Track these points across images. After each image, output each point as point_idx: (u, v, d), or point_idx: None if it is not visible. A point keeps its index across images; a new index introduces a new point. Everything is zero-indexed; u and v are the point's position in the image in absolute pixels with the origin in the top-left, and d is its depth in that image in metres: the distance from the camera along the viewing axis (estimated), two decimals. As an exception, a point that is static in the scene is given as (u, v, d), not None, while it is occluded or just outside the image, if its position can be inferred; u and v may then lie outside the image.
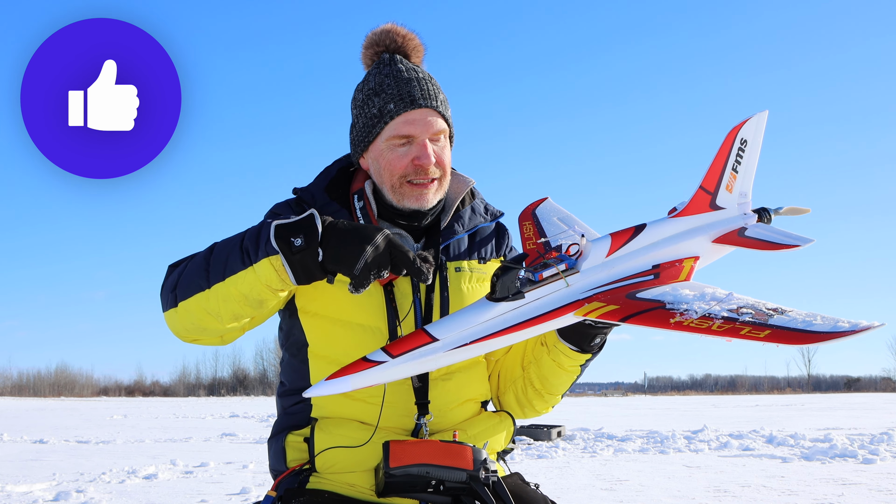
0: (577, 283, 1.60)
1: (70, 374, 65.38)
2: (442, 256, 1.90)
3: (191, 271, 1.65)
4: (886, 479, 7.35)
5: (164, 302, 1.70)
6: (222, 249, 1.62)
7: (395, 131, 1.82)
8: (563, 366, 1.83)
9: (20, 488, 6.92)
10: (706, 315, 1.46)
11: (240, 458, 9.53)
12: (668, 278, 1.67)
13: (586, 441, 11.51)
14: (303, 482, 1.79)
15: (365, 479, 1.77)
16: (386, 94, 1.83)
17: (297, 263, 1.53)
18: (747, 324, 1.42)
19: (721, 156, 1.89)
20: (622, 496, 6.37)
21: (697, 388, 73.68)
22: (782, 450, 10.17)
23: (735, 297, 1.53)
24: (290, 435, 1.84)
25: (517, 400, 1.97)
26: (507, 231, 2.08)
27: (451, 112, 1.93)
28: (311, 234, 1.53)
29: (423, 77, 1.87)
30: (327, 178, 1.95)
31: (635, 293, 1.60)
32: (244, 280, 1.58)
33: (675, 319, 1.47)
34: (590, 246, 1.64)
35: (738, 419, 17.69)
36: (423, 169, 1.82)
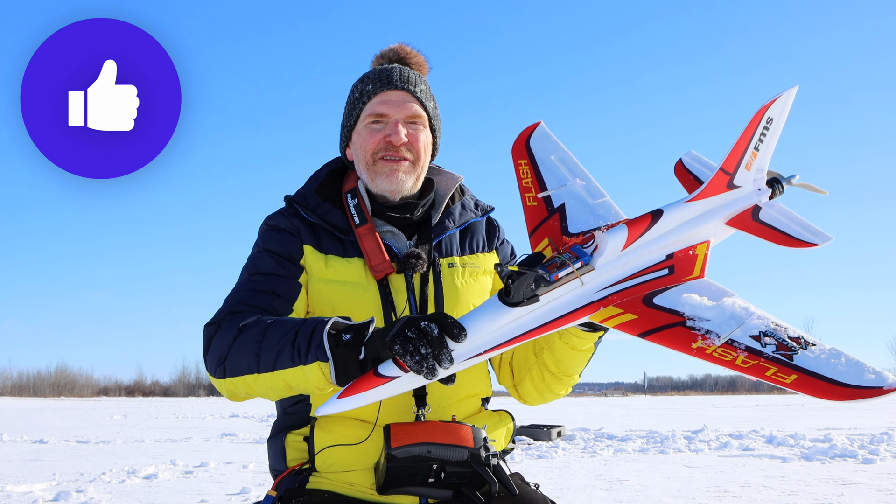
0: (591, 280, 1.55)
1: (70, 374, 65.45)
2: (434, 253, 1.92)
3: (241, 351, 1.64)
4: (886, 479, 7.35)
5: (212, 369, 1.70)
6: (275, 338, 1.61)
7: (372, 110, 1.89)
8: (577, 347, 1.81)
9: (20, 488, 6.92)
10: (729, 343, 1.41)
11: (240, 458, 9.52)
12: (682, 271, 1.62)
13: (586, 441, 11.51)
14: (303, 482, 1.79)
15: (365, 477, 1.77)
16: (368, 78, 1.93)
17: (339, 358, 1.52)
18: (772, 362, 1.37)
19: (745, 136, 1.79)
20: (622, 496, 6.37)
21: (697, 388, 73.70)
22: (782, 450, 10.16)
23: (755, 316, 1.46)
24: (290, 434, 1.84)
25: (535, 387, 1.95)
26: (499, 225, 2.09)
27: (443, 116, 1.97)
28: (360, 333, 1.53)
29: (407, 69, 1.94)
30: (318, 181, 1.98)
31: (652, 297, 1.54)
32: (293, 376, 1.59)
33: (696, 344, 1.42)
34: (606, 239, 1.57)
35: (738, 419, 17.69)
36: (393, 146, 1.86)
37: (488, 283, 1.99)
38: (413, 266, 1.83)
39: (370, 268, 1.83)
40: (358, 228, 1.87)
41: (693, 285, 1.58)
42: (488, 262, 2.00)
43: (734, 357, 1.39)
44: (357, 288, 1.83)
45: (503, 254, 2.07)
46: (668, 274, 1.61)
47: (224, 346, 1.68)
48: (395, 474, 1.67)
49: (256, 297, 1.78)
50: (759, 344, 1.41)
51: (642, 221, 1.64)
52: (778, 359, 1.37)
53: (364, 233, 1.86)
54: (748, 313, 1.48)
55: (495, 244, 2.06)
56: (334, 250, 1.87)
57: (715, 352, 1.40)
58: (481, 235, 2.04)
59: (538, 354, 1.90)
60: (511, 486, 1.73)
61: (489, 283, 1.99)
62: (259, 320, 1.68)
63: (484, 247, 2.03)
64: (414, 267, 1.84)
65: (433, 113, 1.95)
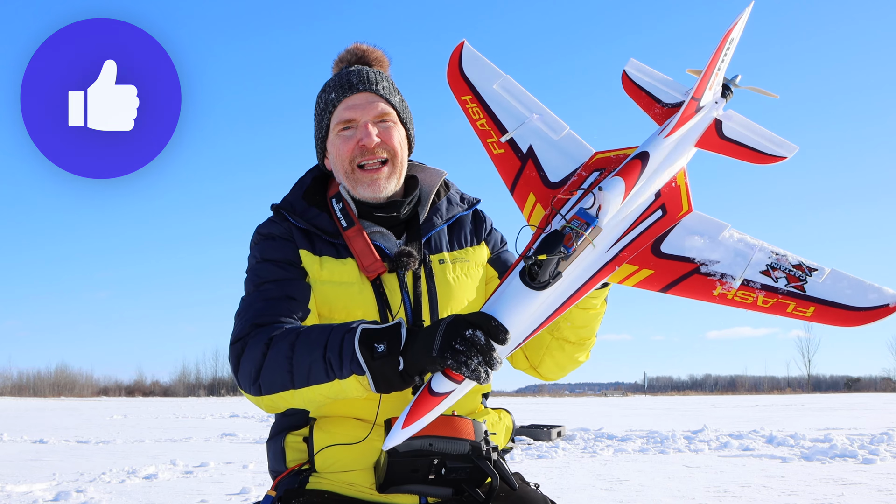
0: (600, 241, 1.58)
1: (70, 374, 65.47)
2: (425, 250, 1.92)
3: (273, 368, 1.64)
4: (886, 479, 7.35)
5: (247, 387, 1.70)
6: (304, 353, 1.61)
7: (339, 118, 1.89)
8: (592, 307, 1.82)
9: (20, 488, 6.92)
10: (745, 283, 1.50)
11: (240, 458, 9.52)
12: (673, 208, 1.66)
13: (586, 441, 11.51)
14: (302, 482, 1.79)
15: (364, 477, 1.77)
16: (330, 87, 1.93)
17: (376, 370, 1.52)
18: (789, 297, 1.47)
19: (713, 61, 1.80)
20: (622, 496, 6.37)
21: (697, 388, 73.71)
22: (782, 450, 10.17)
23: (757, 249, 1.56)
24: (289, 435, 1.84)
25: (556, 363, 1.95)
26: (485, 216, 2.09)
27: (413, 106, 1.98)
28: (394, 341, 1.52)
29: (366, 68, 1.94)
30: (303, 188, 1.98)
31: (659, 246, 1.59)
32: (330, 389, 1.60)
33: (717, 291, 1.50)
34: (607, 197, 1.58)
35: (738, 419, 17.69)
36: (367, 149, 1.86)
37: (479, 276, 2.00)
38: (405, 264, 1.83)
39: (362, 268, 1.83)
40: (346, 231, 1.87)
41: (689, 224, 1.64)
42: (478, 255, 2.01)
43: (754, 298, 1.48)
44: (352, 288, 1.83)
45: (493, 243, 2.07)
46: (662, 215, 1.66)
47: (254, 364, 1.67)
48: (396, 469, 1.67)
49: (273, 306, 1.77)
50: (771, 279, 1.51)
51: (633, 168, 1.66)
52: (793, 292, 1.47)
53: (352, 235, 1.86)
54: (749, 246, 1.57)
55: (483, 235, 2.06)
56: (328, 252, 1.87)
57: (735, 295, 1.49)
58: (468, 229, 2.04)
59: (553, 331, 1.90)
60: (511, 481, 1.73)
61: (480, 275, 2.00)
62: (285, 333, 1.67)
63: (472, 240, 2.03)
64: (406, 265, 1.83)
65: (400, 107, 1.95)
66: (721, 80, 1.89)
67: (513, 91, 1.92)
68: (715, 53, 1.79)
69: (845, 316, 1.42)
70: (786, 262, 1.53)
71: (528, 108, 1.89)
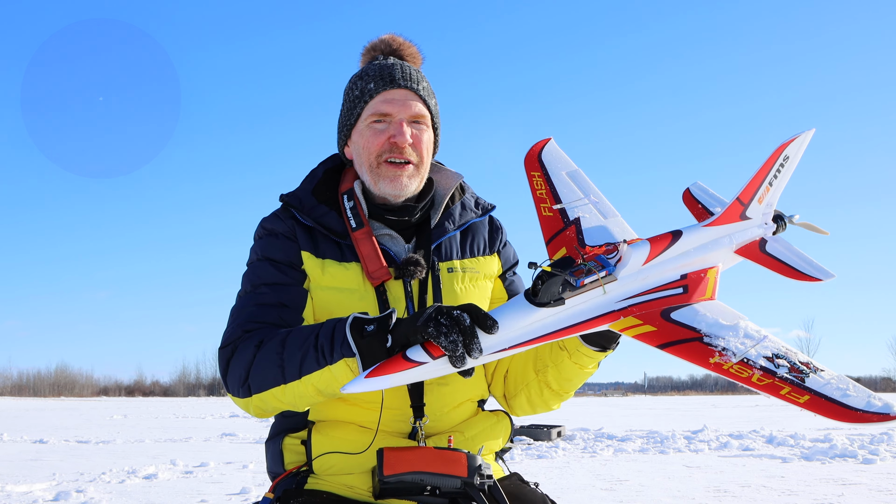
0: (613, 290, 1.60)
1: (70, 374, 65.52)
2: (434, 257, 1.88)
3: (263, 365, 1.62)
4: (886, 479, 7.35)
5: (235, 390, 1.67)
6: (296, 344, 1.59)
7: (374, 109, 1.84)
8: (585, 366, 1.80)
9: (20, 488, 6.91)
10: (745, 360, 1.48)
11: (240, 458, 9.53)
12: (696, 292, 1.68)
13: (586, 441, 11.51)
14: (300, 482, 1.78)
15: (363, 480, 1.76)
16: (369, 75, 1.87)
17: (365, 349, 1.51)
18: (786, 382, 1.44)
19: (763, 171, 1.89)
20: (622, 496, 6.37)
21: (697, 388, 73.72)
22: (782, 450, 10.17)
23: (768, 340, 1.55)
24: (288, 438, 1.83)
25: (530, 401, 1.94)
26: (501, 226, 2.05)
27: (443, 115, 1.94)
28: (384, 322, 1.51)
29: (408, 65, 1.89)
30: (313, 181, 1.93)
31: (669, 312, 1.60)
32: (320, 378, 1.56)
33: (714, 360, 1.48)
34: (630, 252, 1.62)
35: (738, 419, 17.69)
36: (398, 147, 1.82)
37: (488, 289, 1.96)
38: (411, 273, 1.79)
39: (367, 274, 1.79)
40: (354, 232, 1.82)
41: (707, 305, 1.65)
42: (489, 266, 1.97)
43: (750, 374, 1.46)
44: (354, 295, 1.79)
45: (505, 257, 2.03)
46: (682, 293, 1.67)
47: (244, 366, 1.65)
48: (388, 493, 1.68)
49: (266, 312, 1.75)
50: (773, 365, 1.48)
51: (663, 239, 1.70)
52: (791, 380, 1.45)
53: (361, 237, 1.82)
54: (761, 335, 1.56)
55: (497, 246, 2.02)
56: (331, 254, 1.83)
57: (732, 368, 1.47)
58: (483, 237, 2.00)
59: (539, 372, 1.87)
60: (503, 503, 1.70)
61: (489, 288, 1.96)
62: (275, 333, 1.65)
63: (485, 249, 1.99)
64: (412, 274, 1.79)
65: (435, 111, 1.92)
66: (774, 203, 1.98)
67: (579, 180, 2.04)
68: (763, 165, 1.89)
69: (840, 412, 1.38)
70: (794, 356, 1.52)
71: (587, 193, 2.00)
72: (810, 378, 1.45)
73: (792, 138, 1.91)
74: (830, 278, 1.92)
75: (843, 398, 1.40)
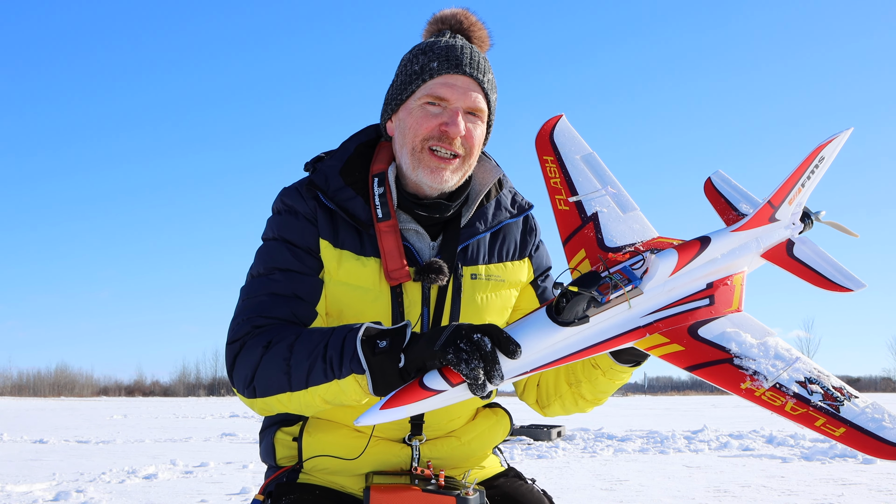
0: (638, 305, 1.51)
1: (70, 374, 65.50)
2: (458, 261, 1.76)
3: (270, 370, 1.55)
4: (886, 479, 7.35)
5: (241, 389, 1.61)
6: (304, 352, 1.51)
7: (432, 91, 1.69)
8: (618, 379, 1.75)
9: (20, 488, 6.91)
10: (777, 387, 1.42)
11: (240, 458, 9.52)
12: (722, 303, 1.60)
13: (586, 441, 11.50)
14: (292, 478, 1.76)
15: (354, 482, 1.75)
16: (433, 52, 1.71)
17: (376, 367, 1.42)
18: (821, 412, 1.38)
19: (798, 173, 1.79)
20: (622, 496, 6.36)
21: (697, 388, 73.62)
22: (782, 450, 10.17)
23: (800, 360, 1.48)
24: (280, 432, 1.80)
25: (563, 408, 1.90)
26: (536, 227, 1.92)
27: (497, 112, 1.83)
28: (398, 339, 1.42)
29: (477, 51, 1.74)
30: (344, 158, 1.79)
31: (697, 328, 1.52)
32: (328, 391, 1.49)
33: (745, 385, 1.42)
34: (657, 263, 1.53)
35: (738, 419, 17.68)
36: (448, 137, 1.68)
37: (511, 298, 1.85)
38: (433, 280, 1.67)
39: (385, 272, 1.68)
40: (379, 223, 1.69)
41: (735, 319, 1.57)
42: (516, 274, 1.85)
43: (783, 403, 1.39)
44: (368, 294, 1.70)
45: (537, 263, 1.91)
46: (708, 304, 1.59)
47: (250, 366, 1.58)
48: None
49: (277, 305, 1.65)
50: (806, 391, 1.42)
51: (691, 248, 1.61)
52: (825, 409, 1.39)
53: (385, 229, 1.69)
54: (792, 356, 1.49)
55: (529, 251, 1.89)
56: (350, 245, 1.71)
57: (764, 395, 1.41)
58: (514, 240, 1.86)
59: (573, 385, 1.82)
60: None
61: (513, 297, 1.85)
62: (284, 334, 1.57)
63: (515, 254, 1.86)
64: (433, 281, 1.67)
65: (494, 107, 1.78)
66: (803, 203, 1.87)
67: (594, 165, 1.91)
68: (800, 166, 1.78)
69: (878, 447, 1.32)
70: (826, 381, 1.45)
71: (604, 182, 1.88)
72: (845, 407, 1.39)
73: (830, 139, 1.80)
74: (861, 288, 1.81)
75: (879, 430, 1.35)
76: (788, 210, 1.83)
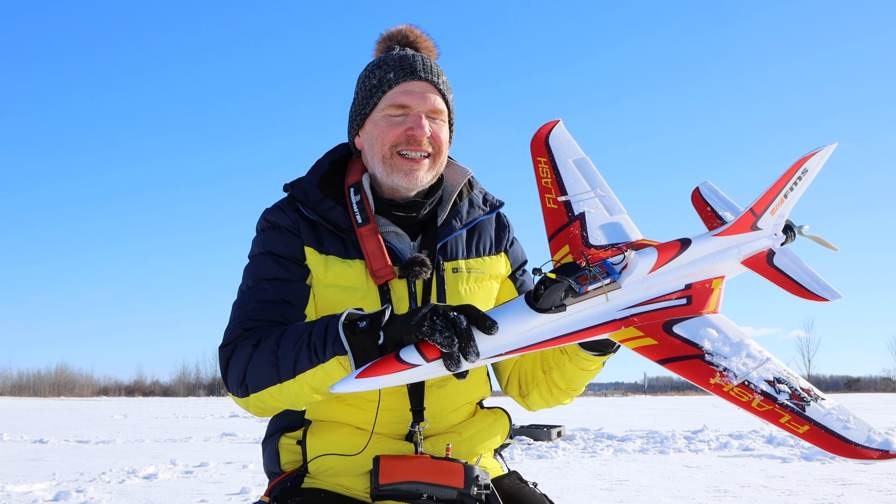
0: (616, 298, 1.56)
1: (70, 374, 65.48)
2: (439, 257, 1.85)
3: (259, 365, 1.60)
4: (886, 479, 7.35)
5: (234, 390, 1.66)
6: (290, 343, 1.57)
7: (393, 100, 1.79)
8: (587, 368, 1.80)
9: (20, 488, 6.91)
10: (745, 384, 1.46)
11: (240, 458, 9.53)
12: (699, 303, 1.64)
13: (586, 441, 11.50)
14: (297, 482, 1.78)
15: (359, 482, 1.76)
16: (388, 65, 1.82)
17: (357, 346, 1.48)
18: (786, 409, 1.42)
19: (780, 183, 1.85)
20: (622, 496, 6.37)
21: (697, 389, 73.36)
22: (782, 450, 10.17)
23: (771, 362, 1.52)
24: (284, 437, 1.82)
25: (543, 398, 1.94)
26: (509, 224, 2.02)
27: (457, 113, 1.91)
28: (377, 319, 1.48)
29: (427, 58, 1.85)
30: (319, 173, 1.89)
31: (672, 325, 1.57)
32: (314, 377, 1.54)
33: (714, 380, 1.46)
34: (636, 260, 1.59)
35: (738, 419, 17.68)
36: (415, 140, 1.78)
37: (493, 289, 1.93)
38: (416, 273, 1.76)
39: (371, 272, 1.76)
40: (360, 228, 1.79)
41: (710, 319, 1.61)
42: (495, 267, 1.94)
43: (750, 399, 1.43)
44: (357, 293, 1.76)
45: (513, 257, 2.00)
46: (685, 304, 1.63)
47: (242, 365, 1.63)
48: (384, 498, 1.69)
49: (267, 309, 1.72)
50: (774, 390, 1.46)
51: (671, 247, 1.66)
52: (791, 407, 1.43)
53: (366, 233, 1.78)
54: (763, 357, 1.53)
55: (504, 245, 1.99)
56: (335, 250, 1.80)
57: (732, 391, 1.44)
58: (489, 236, 1.97)
59: (547, 372, 1.87)
60: None
61: (494, 288, 1.94)
62: (272, 332, 1.63)
63: (492, 248, 1.96)
64: (417, 274, 1.76)
65: (452, 107, 1.88)
66: (786, 214, 1.93)
67: (586, 169, 1.98)
68: (782, 177, 1.84)
69: (839, 445, 1.37)
70: (795, 382, 1.50)
71: (594, 185, 1.95)
72: (811, 406, 1.43)
73: (813, 152, 1.87)
74: (837, 299, 1.86)
75: (843, 431, 1.38)
76: (770, 220, 1.88)
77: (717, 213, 2.00)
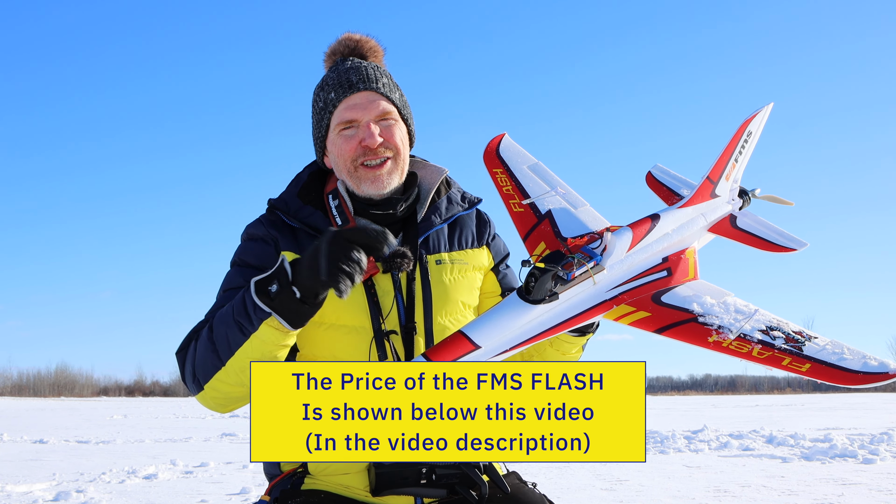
0: (602, 280, 1.62)
1: (70, 374, 65.46)
2: (421, 250, 1.89)
3: (202, 355, 1.68)
4: (886, 479, 7.36)
5: (192, 388, 1.73)
6: (220, 326, 1.65)
7: (340, 118, 1.86)
8: (567, 353, 1.83)
9: (20, 488, 6.92)
10: (742, 336, 1.52)
11: (240, 458, 9.53)
12: (679, 273, 1.72)
13: (586, 441, 11.48)
14: (297, 483, 1.78)
15: (359, 479, 1.77)
16: (328, 85, 1.89)
17: (279, 308, 1.56)
18: (785, 353, 1.48)
19: (729, 148, 1.95)
20: (622, 496, 6.37)
21: (697, 388, 73.72)
22: (782, 450, 10.17)
23: (760, 313, 1.58)
24: None
25: None
26: (489, 219, 2.06)
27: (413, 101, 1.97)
28: (282, 275, 1.56)
29: (364, 65, 1.90)
30: (299, 185, 1.96)
31: (660, 296, 1.63)
32: (252, 347, 1.61)
33: (712, 339, 1.52)
34: (614, 240, 1.65)
35: (738, 419, 17.69)
36: (370, 150, 1.84)
37: (477, 279, 1.97)
38: (398, 265, 1.78)
39: None
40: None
41: (693, 285, 1.69)
42: (478, 259, 1.98)
43: (750, 349, 1.49)
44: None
45: (495, 250, 2.04)
46: (667, 276, 1.71)
47: (191, 362, 1.71)
48: (385, 478, 1.68)
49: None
50: (769, 337, 1.53)
51: (643, 224, 1.73)
52: (790, 350, 1.50)
53: None
54: (751, 309, 1.60)
55: (486, 239, 2.03)
56: None
57: (731, 345, 1.51)
58: (471, 230, 2.01)
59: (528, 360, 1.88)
60: (503, 485, 1.73)
61: (478, 279, 1.98)
62: (207, 323, 1.72)
63: (473, 242, 2.00)
64: (400, 266, 1.78)
65: (400, 103, 1.92)
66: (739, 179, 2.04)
67: (541, 172, 2.07)
68: (730, 142, 1.95)
69: (841, 375, 1.44)
70: (786, 327, 1.56)
71: (553, 185, 2.03)
72: (807, 346, 1.50)
73: (754, 114, 1.99)
74: (804, 247, 1.96)
75: (840, 362, 1.46)
76: (727, 186, 1.99)
77: (674, 191, 2.11)
